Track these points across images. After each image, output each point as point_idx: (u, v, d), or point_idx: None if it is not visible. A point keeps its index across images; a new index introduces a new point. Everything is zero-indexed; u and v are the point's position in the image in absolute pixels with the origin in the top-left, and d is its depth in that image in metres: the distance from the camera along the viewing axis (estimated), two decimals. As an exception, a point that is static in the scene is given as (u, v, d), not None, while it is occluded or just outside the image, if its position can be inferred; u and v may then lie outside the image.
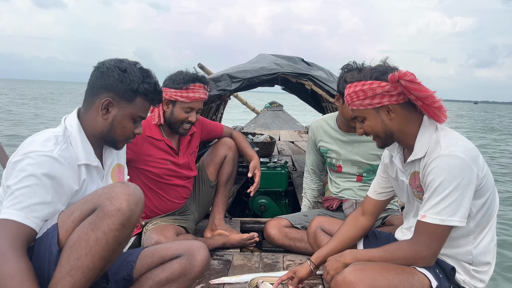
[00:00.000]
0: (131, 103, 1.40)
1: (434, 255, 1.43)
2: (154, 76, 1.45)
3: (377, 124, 1.51)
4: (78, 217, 1.18)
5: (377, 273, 1.39)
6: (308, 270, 1.73)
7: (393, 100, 1.46)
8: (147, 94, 1.41)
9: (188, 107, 2.18)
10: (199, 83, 2.18)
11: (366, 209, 1.79)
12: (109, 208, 1.15)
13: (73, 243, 1.13)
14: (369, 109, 1.50)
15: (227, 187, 2.55)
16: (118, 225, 1.15)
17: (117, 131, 1.42)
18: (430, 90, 1.39)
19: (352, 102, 1.52)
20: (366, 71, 1.50)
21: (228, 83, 2.98)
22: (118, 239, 1.17)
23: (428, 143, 1.45)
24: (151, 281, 1.49)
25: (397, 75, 1.39)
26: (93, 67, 1.41)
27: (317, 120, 2.55)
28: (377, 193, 1.78)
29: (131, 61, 1.43)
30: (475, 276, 1.49)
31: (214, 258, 2.21)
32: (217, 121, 4.86)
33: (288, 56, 3.78)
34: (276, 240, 2.30)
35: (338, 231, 1.80)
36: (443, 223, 1.37)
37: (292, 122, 8.41)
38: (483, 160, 1.44)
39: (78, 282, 1.11)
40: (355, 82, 1.50)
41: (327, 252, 1.73)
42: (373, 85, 1.45)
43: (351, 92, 1.51)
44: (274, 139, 4.48)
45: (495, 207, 1.50)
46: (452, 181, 1.35)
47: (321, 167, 2.63)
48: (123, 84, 1.37)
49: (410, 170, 1.56)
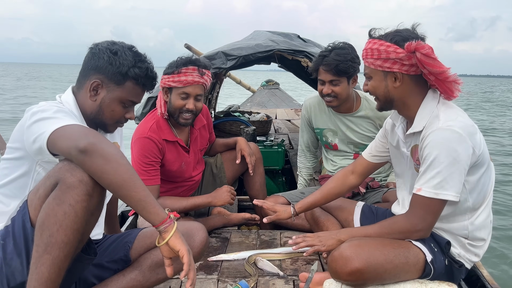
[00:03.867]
0: (120, 87, 1.38)
1: (429, 227, 1.45)
2: (148, 61, 1.42)
3: (380, 87, 1.50)
4: (43, 194, 1.16)
5: (373, 248, 1.41)
6: (289, 215, 1.90)
7: (404, 70, 1.44)
8: (137, 79, 1.38)
9: (182, 93, 2.02)
10: (192, 66, 2.01)
11: (357, 169, 1.83)
12: (71, 180, 1.12)
13: (42, 221, 1.11)
14: (378, 70, 1.48)
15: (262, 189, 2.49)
16: (83, 195, 1.12)
17: (106, 114, 1.40)
18: (444, 66, 1.37)
19: (366, 58, 1.50)
20: (390, 32, 1.47)
21: (223, 61, 2.93)
22: (87, 210, 1.14)
23: (428, 117, 1.44)
24: (150, 261, 1.49)
25: (414, 46, 1.36)
26: (88, 48, 1.39)
27: (310, 98, 2.52)
28: (372, 155, 1.80)
29: (126, 44, 1.40)
30: (470, 250, 1.51)
31: (212, 236, 2.23)
32: (213, 100, 4.82)
33: (284, 33, 3.71)
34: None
35: (326, 185, 1.88)
36: (438, 197, 1.38)
37: (289, 100, 8.36)
38: (481, 137, 1.43)
39: (57, 258, 1.10)
40: (376, 39, 1.47)
41: (311, 203, 1.88)
42: (389, 49, 1.42)
43: (368, 48, 1.48)
44: (270, 118, 4.46)
45: (490, 184, 1.50)
46: (448, 155, 1.35)
47: (315, 144, 2.63)
48: (112, 66, 1.35)
49: (411, 143, 1.56)
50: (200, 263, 1.87)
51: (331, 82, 2.18)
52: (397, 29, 1.47)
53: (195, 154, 2.28)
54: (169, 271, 1.29)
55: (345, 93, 2.21)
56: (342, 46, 2.16)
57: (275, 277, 1.76)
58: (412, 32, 1.46)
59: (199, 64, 2.05)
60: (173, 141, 2.14)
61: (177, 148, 2.17)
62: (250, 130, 3.32)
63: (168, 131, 2.13)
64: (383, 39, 1.45)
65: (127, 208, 2.54)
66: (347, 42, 2.19)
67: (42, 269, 1.09)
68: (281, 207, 1.93)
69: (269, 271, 1.80)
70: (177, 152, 2.17)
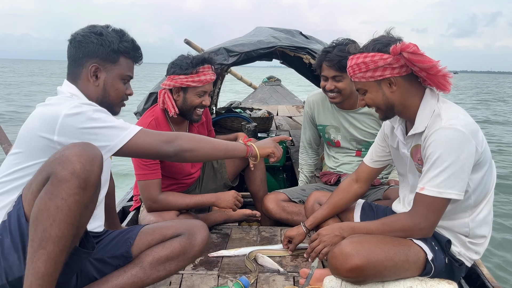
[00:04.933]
0: (116, 64, 1.43)
1: (432, 226, 1.45)
2: (128, 34, 1.47)
3: (378, 97, 1.50)
4: (36, 188, 1.15)
5: (374, 245, 1.41)
6: (304, 236, 1.90)
7: (395, 73, 1.44)
8: (128, 52, 1.44)
9: (201, 91, 2.11)
10: (208, 64, 2.10)
11: (361, 176, 1.83)
12: (62, 174, 1.10)
13: (36, 216, 1.10)
14: (371, 82, 1.48)
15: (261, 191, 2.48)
16: (75, 189, 1.11)
17: (111, 94, 1.44)
18: (433, 60, 1.37)
19: (354, 74, 1.50)
20: (369, 42, 1.47)
21: (225, 57, 2.92)
22: (81, 203, 1.13)
23: (429, 117, 1.44)
24: (151, 258, 1.49)
25: (399, 47, 1.37)
26: (67, 40, 1.42)
27: (313, 95, 2.51)
28: (373, 161, 1.80)
29: (102, 25, 1.45)
30: (470, 248, 1.52)
31: (213, 232, 2.23)
32: (214, 96, 4.81)
33: (286, 29, 3.71)
34: (274, 213, 2.31)
35: (332, 197, 1.87)
36: (441, 196, 1.38)
37: (290, 97, 8.34)
38: (482, 135, 1.43)
39: (53, 252, 1.09)
40: (357, 54, 1.48)
41: (321, 218, 1.86)
42: (375, 58, 1.43)
43: (353, 64, 1.49)
44: (272, 114, 4.45)
45: (492, 182, 1.50)
46: (451, 154, 1.35)
47: (318, 141, 2.63)
48: (104, 47, 1.39)
49: (411, 143, 1.55)
50: (200, 259, 1.88)
51: (334, 78, 2.18)
52: (374, 38, 1.49)
53: None
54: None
55: (349, 89, 2.21)
56: (346, 42, 2.16)
57: (275, 273, 1.77)
58: (389, 37, 1.47)
59: (212, 62, 2.14)
60: None
61: None
62: (251, 126, 3.32)
63: (167, 128, 2.15)
64: (364, 51, 1.46)
65: (128, 204, 2.55)
66: (351, 39, 2.19)
67: (38, 264, 1.09)
68: (292, 232, 1.93)
69: (270, 268, 1.81)
70: None
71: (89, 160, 1.14)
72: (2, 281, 1.18)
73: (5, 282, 1.18)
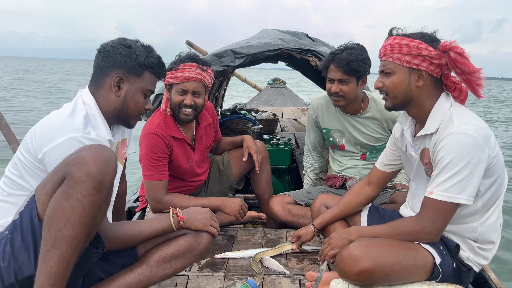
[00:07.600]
0: (140, 77, 1.44)
1: (439, 231, 1.44)
2: (156, 51, 1.49)
3: (402, 84, 1.48)
4: (51, 188, 1.16)
5: (382, 249, 1.41)
6: (312, 234, 1.89)
7: (430, 69, 1.44)
8: (153, 67, 1.46)
9: (180, 89, 2.04)
10: (190, 62, 2.02)
11: (372, 179, 1.82)
12: (78, 175, 1.12)
13: (50, 216, 1.11)
14: (404, 66, 1.47)
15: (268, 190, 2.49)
16: (90, 190, 1.12)
17: (131, 106, 1.45)
18: (476, 67, 1.37)
19: (391, 52, 1.47)
20: (416, 32, 1.46)
21: (232, 59, 2.93)
22: (95, 204, 1.14)
23: (441, 120, 1.44)
24: (157, 256, 1.51)
25: (449, 45, 1.37)
26: (97, 50, 1.45)
27: (318, 98, 2.51)
28: (384, 164, 1.80)
29: (132, 39, 1.48)
30: (479, 253, 1.50)
31: (219, 233, 2.22)
32: (219, 98, 4.82)
33: (292, 32, 3.71)
34: (279, 216, 2.31)
35: (343, 198, 1.86)
36: (450, 200, 1.37)
37: (295, 99, 8.35)
38: (495, 140, 1.42)
39: (65, 252, 1.10)
40: (404, 36, 1.46)
41: (330, 218, 1.85)
42: (421, 45, 1.42)
43: (394, 43, 1.46)
44: (277, 116, 4.46)
45: (503, 187, 1.49)
46: (462, 159, 1.34)
47: (322, 144, 2.63)
48: (131, 59, 1.41)
49: (420, 146, 1.55)
50: (206, 261, 1.88)
51: (340, 81, 2.18)
52: (422, 32, 1.48)
53: (200, 152, 2.29)
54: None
55: (353, 93, 2.20)
56: (354, 46, 2.16)
57: (281, 275, 1.77)
58: (434, 37, 1.46)
59: (198, 60, 2.06)
60: (180, 138, 2.15)
61: (184, 145, 2.18)
62: (256, 128, 3.32)
63: (175, 128, 2.14)
64: (411, 37, 1.45)
65: (134, 204, 2.55)
66: (359, 43, 2.19)
67: (51, 263, 1.10)
68: (301, 231, 1.93)
69: (275, 270, 1.80)
70: (184, 149, 2.18)
71: (104, 162, 1.16)
72: (11, 280, 1.19)
73: (14, 281, 1.19)
